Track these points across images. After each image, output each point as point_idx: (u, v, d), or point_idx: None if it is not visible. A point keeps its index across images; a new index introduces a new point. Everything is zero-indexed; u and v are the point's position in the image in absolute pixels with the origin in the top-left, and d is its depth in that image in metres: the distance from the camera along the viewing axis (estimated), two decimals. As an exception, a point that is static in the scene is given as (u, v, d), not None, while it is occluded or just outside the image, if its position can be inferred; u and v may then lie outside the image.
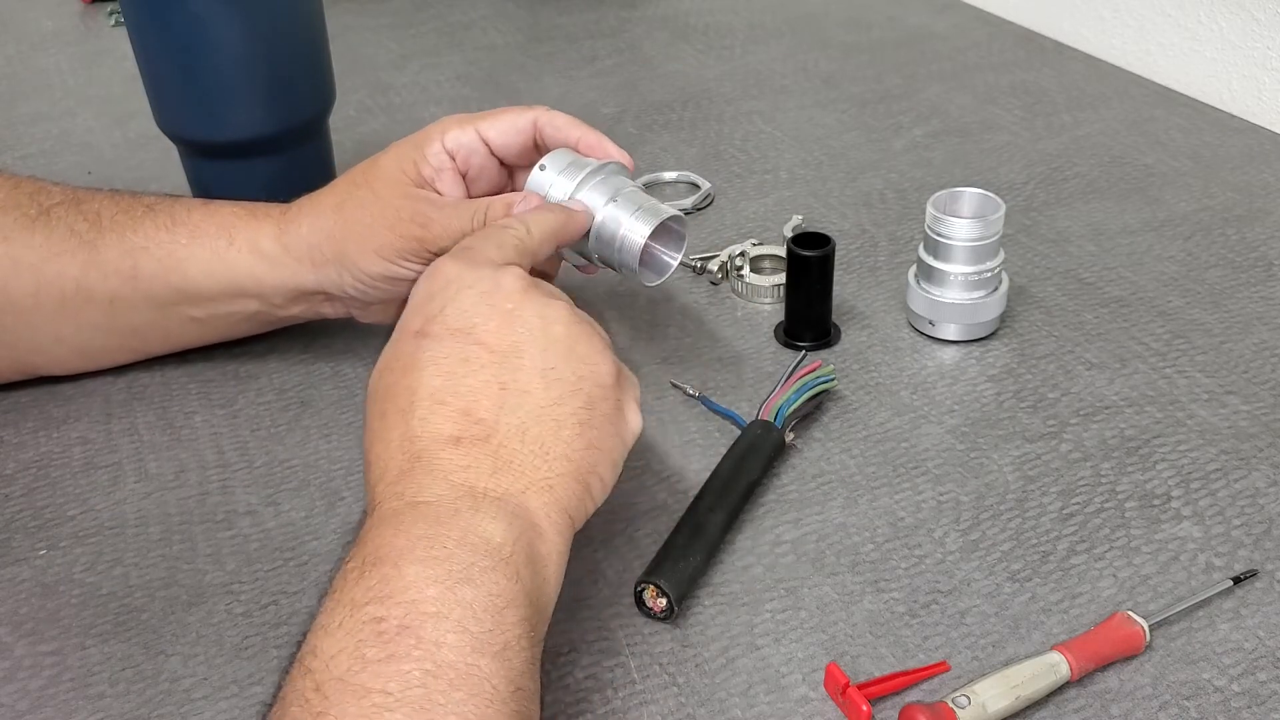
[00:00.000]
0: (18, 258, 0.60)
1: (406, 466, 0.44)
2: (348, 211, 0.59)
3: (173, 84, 0.73)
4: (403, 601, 0.39)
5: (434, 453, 0.45)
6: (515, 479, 0.45)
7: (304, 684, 0.38)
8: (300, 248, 0.60)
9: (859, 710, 0.45)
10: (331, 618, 0.40)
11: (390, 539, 0.42)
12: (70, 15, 1.27)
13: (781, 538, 0.54)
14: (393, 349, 0.48)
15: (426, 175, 0.59)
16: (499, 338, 0.47)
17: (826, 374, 0.61)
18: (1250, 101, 0.95)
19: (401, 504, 0.43)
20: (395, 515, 0.43)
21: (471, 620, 0.40)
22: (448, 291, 0.48)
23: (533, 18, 1.22)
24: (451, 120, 0.60)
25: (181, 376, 0.67)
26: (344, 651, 0.38)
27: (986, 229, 0.64)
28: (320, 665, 0.38)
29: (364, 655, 0.38)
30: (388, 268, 0.58)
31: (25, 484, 0.59)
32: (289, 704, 0.38)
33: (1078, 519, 0.55)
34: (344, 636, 0.39)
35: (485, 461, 0.45)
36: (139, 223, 0.61)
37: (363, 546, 0.42)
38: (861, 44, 1.11)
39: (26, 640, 0.50)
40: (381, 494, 0.44)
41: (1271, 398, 0.62)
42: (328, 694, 0.37)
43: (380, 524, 0.43)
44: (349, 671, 0.38)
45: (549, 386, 0.47)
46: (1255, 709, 0.46)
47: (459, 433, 0.45)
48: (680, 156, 0.90)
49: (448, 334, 0.47)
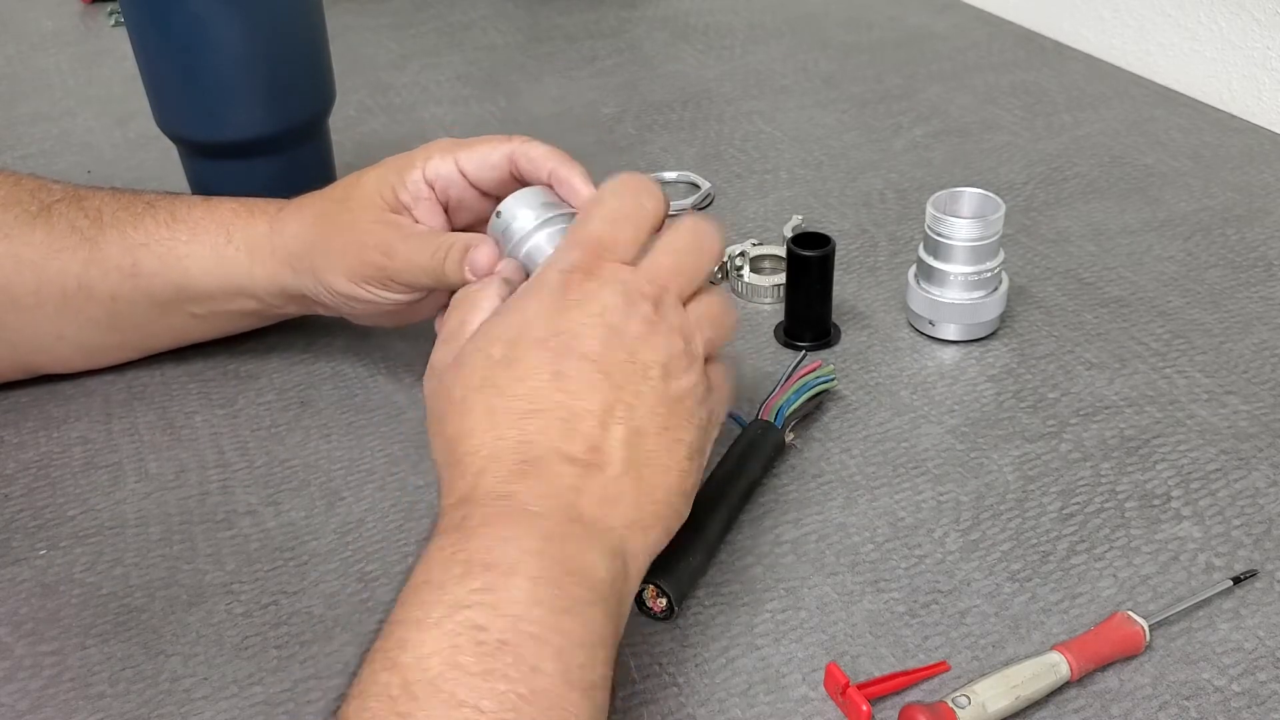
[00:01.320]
0: (19, 255, 0.60)
1: (519, 469, 0.44)
2: (324, 227, 0.59)
3: (173, 84, 0.73)
4: (507, 615, 0.39)
5: (549, 464, 0.44)
6: (620, 515, 0.45)
7: (390, 679, 0.37)
8: (284, 251, 0.60)
9: (859, 710, 0.45)
10: (427, 612, 0.39)
11: (501, 545, 0.41)
12: (70, 15, 1.27)
13: (781, 538, 0.54)
14: (513, 348, 0.46)
15: (405, 201, 0.57)
16: (622, 374, 0.46)
17: (826, 374, 0.61)
18: (1250, 101, 0.95)
19: (512, 506, 0.43)
20: (507, 518, 0.42)
21: (568, 652, 0.39)
22: (587, 311, 0.47)
23: (533, 18, 1.22)
24: (436, 146, 0.58)
25: (182, 376, 0.67)
26: (439, 654, 0.38)
27: (986, 229, 0.64)
28: (411, 662, 0.37)
29: (459, 663, 0.37)
30: (353, 289, 0.57)
31: (25, 484, 0.59)
32: (369, 696, 0.37)
33: (1078, 519, 0.55)
34: (441, 637, 0.38)
35: (596, 490, 0.44)
36: (139, 219, 0.61)
37: (467, 538, 0.41)
38: (861, 44, 1.11)
39: (27, 640, 0.51)
40: (486, 486, 0.43)
41: (1271, 398, 0.62)
42: (416, 695, 0.37)
43: (490, 523, 0.42)
44: (441, 677, 0.37)
45: (664, 431, 0.46)
46: (1255, 709, 0.46)
47: (576, 454, 0.44)
48: (680, 156, 0.90)
49: (576, 356, 0.46)
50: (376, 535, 0.55)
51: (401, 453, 0.60)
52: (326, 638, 0.50)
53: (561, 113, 0.99)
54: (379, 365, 0.67)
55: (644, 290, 0.48)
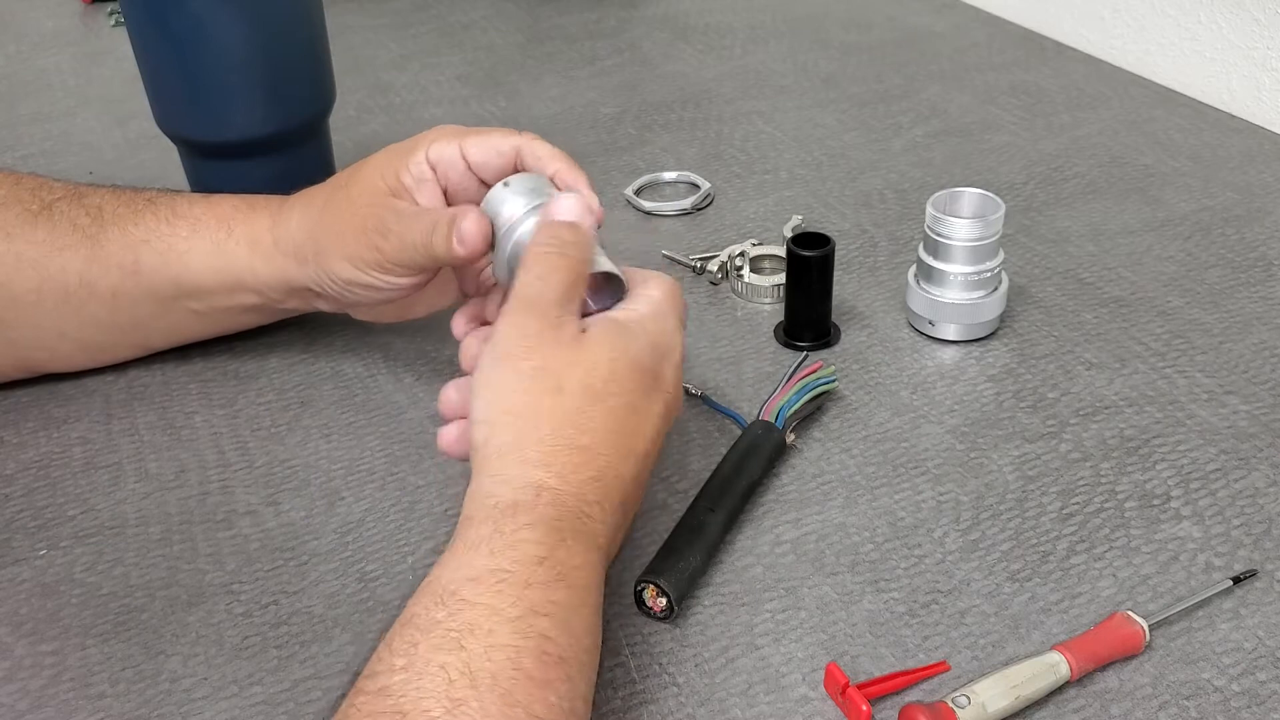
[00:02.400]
0: (20, 253, 0.61)
1: (615, 502, 0.47)
2: (327, 214, 0.59)
3: (173, 84, 0.73)
4: (572, 635, 0.41)
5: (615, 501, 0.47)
6: (614, 543, 0.48)
7: (449, 659, 0.38)
8: (288, 243, 0.60)
9: (859, 710, 0.45)
10: (506, 604, 0.40)
11: (583, 567, 0.44)
12: (70, 15, 1.27)
13: (781, 538, 0.55)
14: (656, 381, 0.50)
15: (407, 184, 0.57)
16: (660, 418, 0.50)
17: (828, 375, 0.61)
18: (1250, 101, 0.95)
19: (589, 530, 0.45)
20: (587, 541, 0.45)
21: (592, 680, 0.42)
22: (667, 343, 0.50)
23: (533, 18, 1.22)
24: (441, 130, 0.59)
25: (182, 376, 0.67)
26: (505, 649, 0.39)
27: (986, 229, 0.64)
28: (478, 649, 0.39)
29: (523, 665, 0.39)
30: (356, 275, 0.57)
31: (26, 484, 0.59)
32: (422, 673, 0.38)
33: (1077, 519, 0.55)
34: (514, 635, 0.39)
35: (614, 521, 0.47)
36: (140, 216, 0.61)
37: (557, 547, 0.43)
38: (861, 44, 1.11)
39: (27, 640, 0.51)
40: (590, 496, 0.46)
41: (1271, 398, 0.62)
42: (477, 684, 0.38)
43: (578, 539, 0.44)
44: (503, 672, 0.38)
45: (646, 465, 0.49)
46: (1255, 709, 0.46)
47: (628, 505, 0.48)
48: (680, 156, 0.90)
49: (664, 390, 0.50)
50: (377, 535, 0.55)
51: (401, 452, 0.60)
52: (326, 638, 0.50)
53: (561, 113, 0.99)
54: (379, 365, 0.67)
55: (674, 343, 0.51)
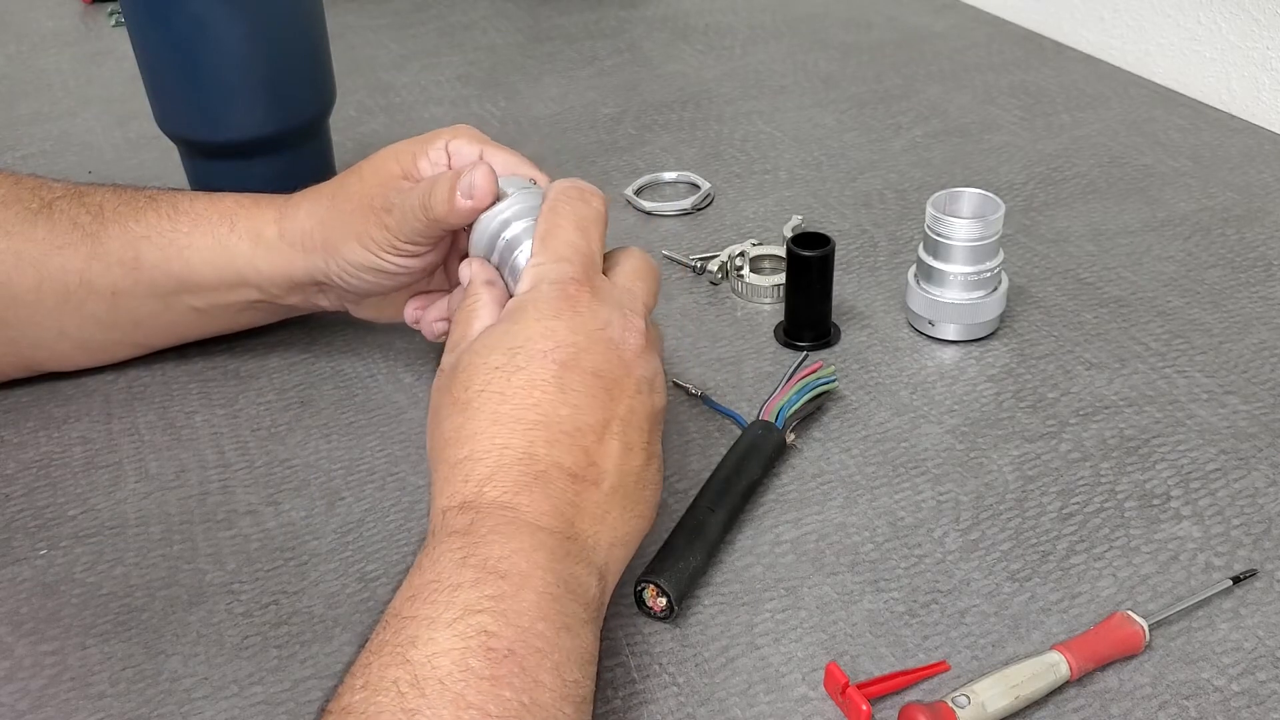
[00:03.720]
0: (20, 252, 0.61)
1: (525, 481, 0.45)
2: (338, 199, 0.59)
3: (173, 84, 0.73)
4: (517, 626, 0.40)
5: (554, 479, 0.45)
6: (607, 533, 0.46)
7: (399, 674, 0.38)
8: (295, 234, 0.60)
9: (859, 710, 0.45)
10: (439, 611, 0.40)
11: (513, 555, 0.42)
12: (70, 15, 1.27)
13: (781, 537, 0.55)
14: (514, 357, 0.47)
15: (422, 169, 0.58)
16: (619, 389, 0.48)
17: (828, 375, 0.61)
18: (1250, 101, 0.95)
19: (519, 518, 0.44)
20: (515, 528, 0.43)
21: (565, 668, 0.40)
22: (588, 324, 0.48)
23: (533, 18, 1.22)
24: (464, 129, 0.59)
25: (182, 376, 0.67)
26: (449, 653, 0.38)
27: (986, 229, 0.64)
28: (422, 659, 0.38)
29: (469, 666, 0.38)
30: (366, 256, 0.57)
31: (26, 484, 0.59)
32: (376, 690, 0.38)
33: (1077, 519, 0.55)
34: (453, 638, 0.39)
35: (590, 506, 0.45)
36: (141, 213, 0.62)
37: (478, 544, 0.42)
38: (861, 44, 1.11)
39: (27, 640, 0.51)
40: (491, 495, 0.44)
41: (1271, 398, 0.62)
42: (425, 692, 0.37)
43: (500, 532, 0.43)
44: (451, 677, 0.38)
45: (646, 446, 0.48)
46: (1255, 709, 0.46)
47: (578, 471, 0.46)
48: (680, 156, 0.90)
49: (579, 369, 0.47)
50: (377, 535, 0.55)
51: (402, 452, 0.60)
52: (327, 638, 0.50)
53: (561, 113, 0.99)
54: (379, 365, 0.67)
55: (636, 308, 0.50)
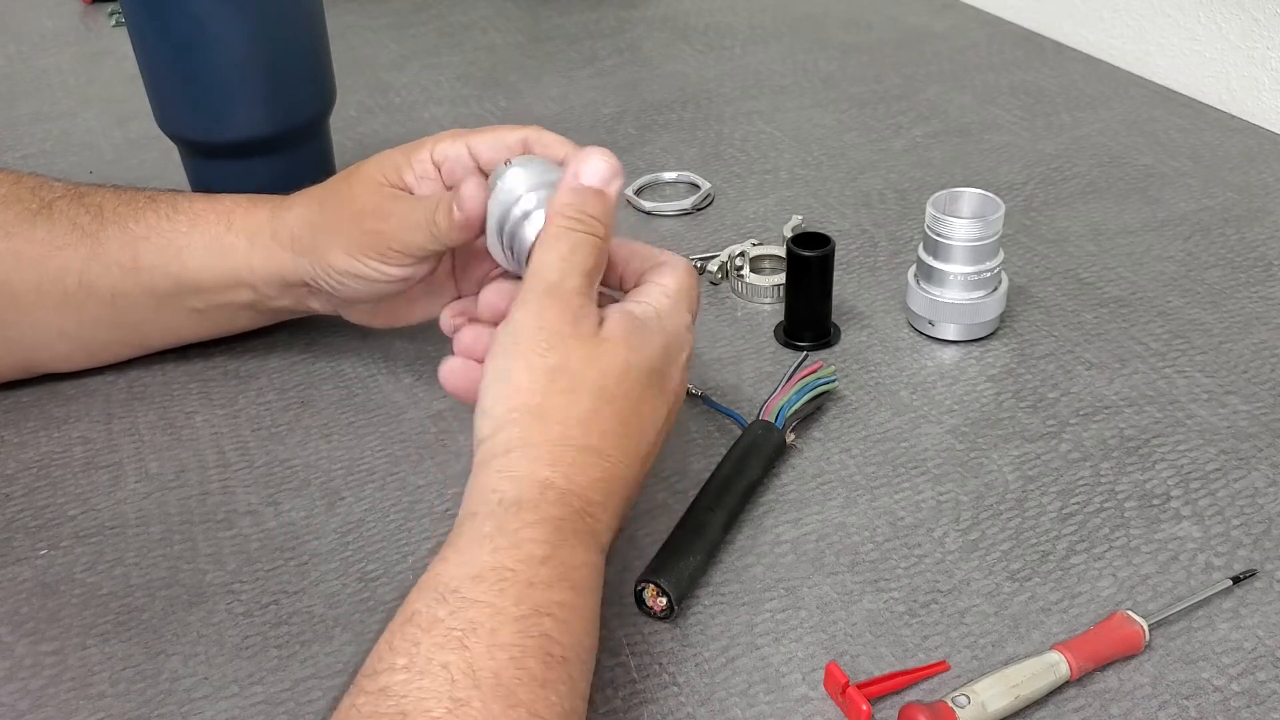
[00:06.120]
0: (20, 252, 0.61)
1: (618, 505, 0.47)
2: (327, 204, 0.59)
3: (173, 84, 0.73)
4: (574, 636, 0.41)
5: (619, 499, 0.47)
6: (610, 536, 0.47)
7: (452, 658, 0.38)
8: (285, 235, 0.60)
9: (859, 710, 0.45)
10: (509, 604, 0.40)
11: (584, 567, 0.44)
12: (70, 15, 1.27)
13: (781, 537, 0.55)
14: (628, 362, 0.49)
15: (408, 181, 0.58)
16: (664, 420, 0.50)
17: (828, 375, 0.61)
18: (1250, 101, 0.95)
19: (592, 529, 0.45)
20: (590, 540, 0.45)
21: (589, 681, 0.42)
22: (678, 343, 0.51)
23: (533, 18, 1.22)
24: (446, 133, 0.59)
25: (182, 376, 0.67)
26: (509, 648, 0.39)
27: (986, 229, 0.64)
28: (481, 649, 0.39)
29: (527, 666, 0.39)
30: (351, 264, 0.57)
31: (26, 483, 0.59)
32: (423, 672, 0.38)
33: (1077, 519, 0.55)
34: (518, 634, 0.39)
35: (616, 523, 0.47)
36: (141, 213, 0.62)
37: (559, 547, 0.43)
38: (861, 44, 1.11)
39: (27, 640, 0.51)
40: (595, 497, 0.46)
41: (1271, 398, 0.62)
42: (480, 683, 0.38)
43: (579, 540, 0.44)
44: (505, 671, 0.38)
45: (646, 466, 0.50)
46: (1255, 709, 0.46)
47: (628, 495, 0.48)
48: (680, 156, 0.90)
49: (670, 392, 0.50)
50: (377, 535, 0.55)
51: (402, 452, 0.60)
52: (327, 638, 0.50)
53: (561, 113, 0.99)
54: (379, 365, 0.67)
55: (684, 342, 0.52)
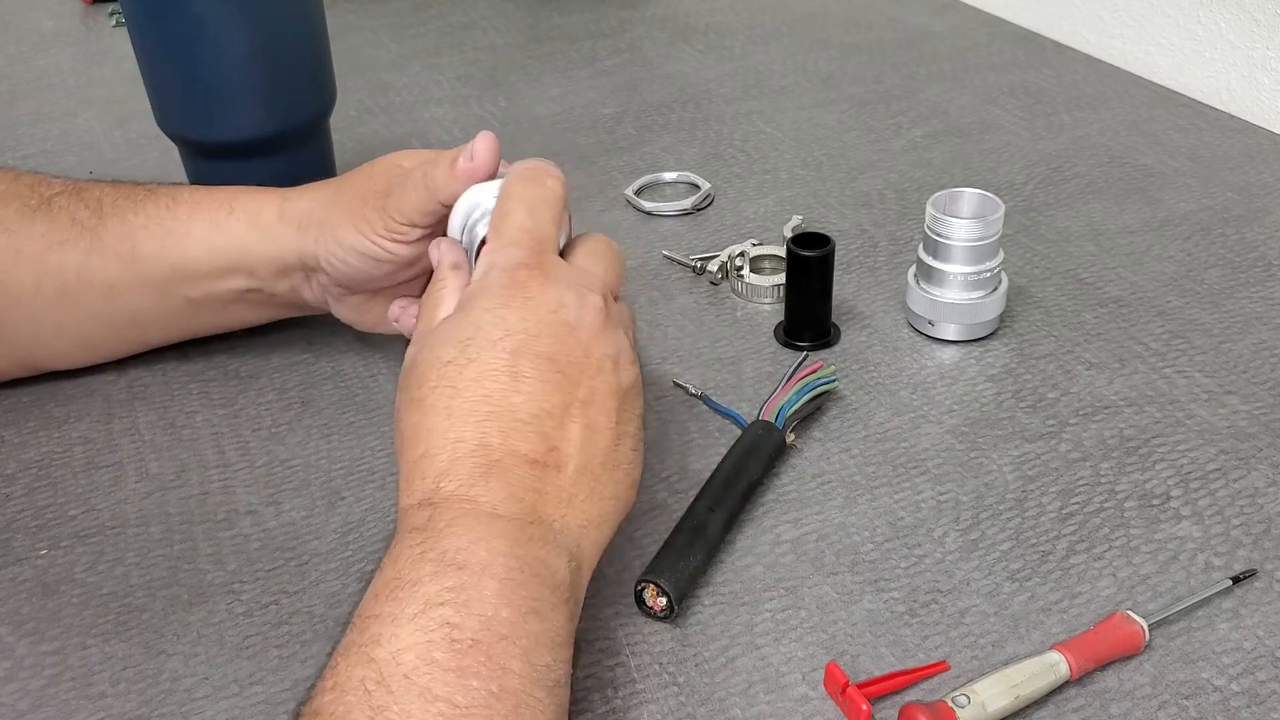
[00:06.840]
0: (19, 249, 0.61)
1: (480, 472, 0.44)
2: (344, 185, 0.60)
3: (173, 84, 0.73)
4: (479, 615, 0.40)
5: (510, 467, 0.45)
6: (577, 515, 0.46)
7: (365, 673, 0.38)
8: (294, 215, 0.60)
9: (859, 710, 0.45)
10: (401, 607, 0.39)
11: (470, 546, 0.42)
12: (70, 15, 1.27)
13: (781, 537, 0.55)
14: (466, 349, 0.47)
15: None
16: (578, 371, 0.47)
17: (828, 375, 0.61)
18: (1250, 101, 0.95)
19: (476, 509, 0.43)
20: (472, 519, 0.43)
21: (534, 653, 0.40)
22: (540, 308, 0.48)
23: (533, 18, 1.22)
24: None
25: (183, 376, 0.67)
26: (413, 648, 0.38)
27: (986, 229, 0.64)
28: (386, 657, 0.38)
29: (434, 658, 0.38)
30: (358, 239, 0.58)
31: (26, 483, 0.59)
32: (345, 690, 0.38)
33: (1077, 519, 0.55)
34: (415, 633, 0.39)
35: (554, 491, 0.45)
36: (140, 204, 0.62)
37: (436, 538, 0.42)
38: (861, 44, 1.11)
39: (28, 640, 0.51)
40: (448, 489, 0.44)
41: (1271, 398, 0.62)
42: (392, 689, 0.37)
43: (457, 524, 0.42)
44: (416, 671, 0.38)
45: (613, 426, 0.48)
46: (1255, 708, 0.46)
47: (537, 457, 0.45)
48: (680, 156, 0.90)
49: (532, 355, 0.46)
50: (377, 535, 0.55)
51: (402, 453, 0.61)
52: (327, 637, 0.50)
53: (561, 113, 0.99)
54: (379, 365, 0.67)
55: (593, 285, 0.50)
